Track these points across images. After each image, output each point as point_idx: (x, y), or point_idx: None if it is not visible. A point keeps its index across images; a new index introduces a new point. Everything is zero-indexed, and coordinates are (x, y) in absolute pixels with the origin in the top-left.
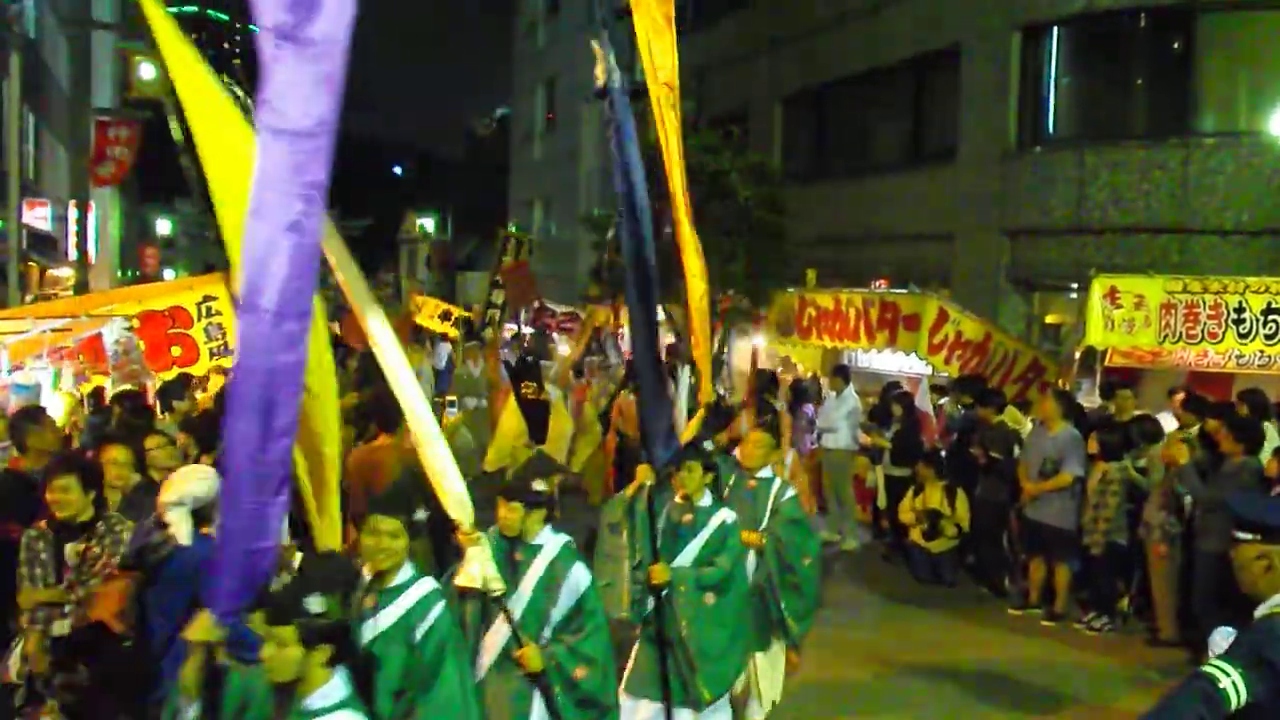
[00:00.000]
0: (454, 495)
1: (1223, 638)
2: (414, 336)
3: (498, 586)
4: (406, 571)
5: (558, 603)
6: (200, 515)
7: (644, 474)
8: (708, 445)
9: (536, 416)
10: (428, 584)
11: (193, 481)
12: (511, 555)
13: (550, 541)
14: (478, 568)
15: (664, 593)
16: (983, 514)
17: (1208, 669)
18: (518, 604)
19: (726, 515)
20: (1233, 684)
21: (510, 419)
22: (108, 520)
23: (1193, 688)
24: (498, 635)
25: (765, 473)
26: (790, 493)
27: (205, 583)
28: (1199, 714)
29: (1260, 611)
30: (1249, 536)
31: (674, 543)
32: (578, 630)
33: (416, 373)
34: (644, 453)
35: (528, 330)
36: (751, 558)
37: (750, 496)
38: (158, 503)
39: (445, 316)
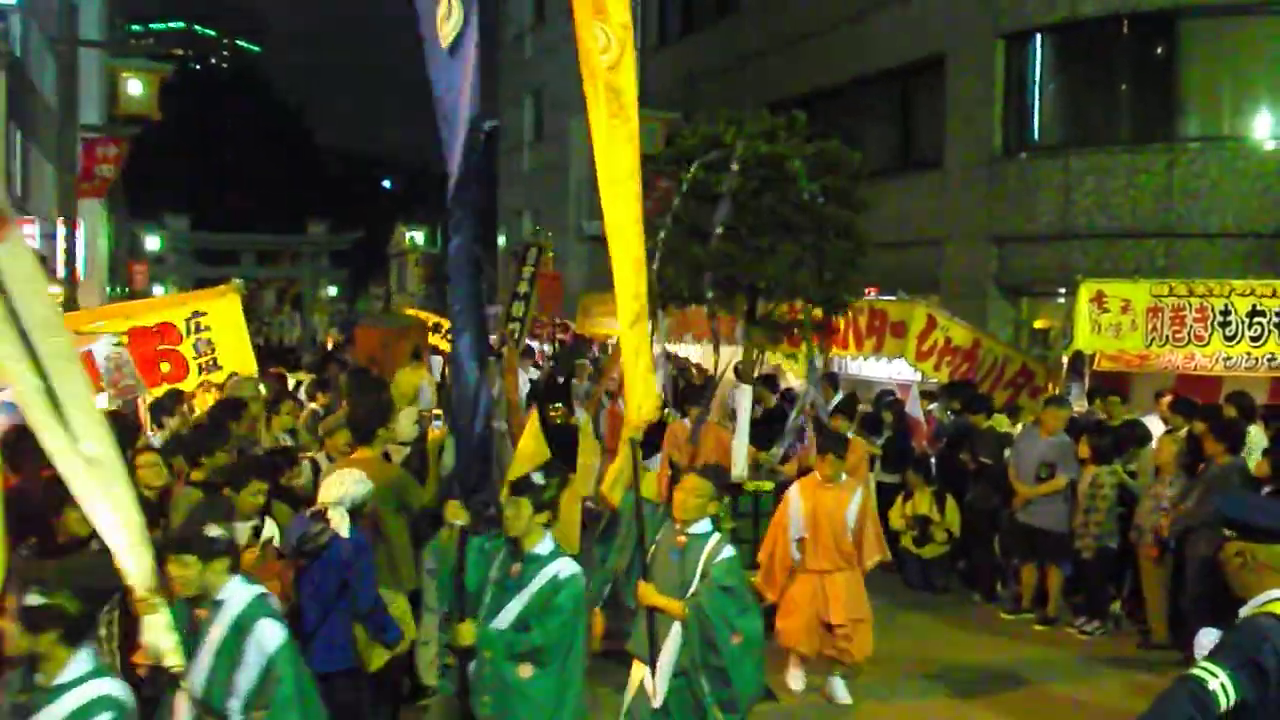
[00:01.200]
0: (123, 548)
1: (1208, 639)
2: (415, 354)
3: (175, 661)
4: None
5: (244, 669)
6: (355, 512)
7: (453, 512)
8: (538, 478)
9: (564, 443)
10: None
11: (351, 484)
12: (192, 613)
13: (236, 595)
14: (154, 638)
15: (472, 659)
16: (973, 519)
17: (1196, 671)
18: (197, 673)
19: (564, 567)
20: (1222, 685)
21: (528, 443)
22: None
23: (1182, 690)
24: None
25: (700, 527)
26: (728, 552)
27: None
28: (1189, 716)
29: (1245, 611)
30: (1229, 534)
31: (500, 597)
32: (266, 704)
33: (417, 392)
34: (454, 486)
35: (535, 345)
36: (676, 631)
37: (678, 555)
38: (319, 500)
39: (435, 329)
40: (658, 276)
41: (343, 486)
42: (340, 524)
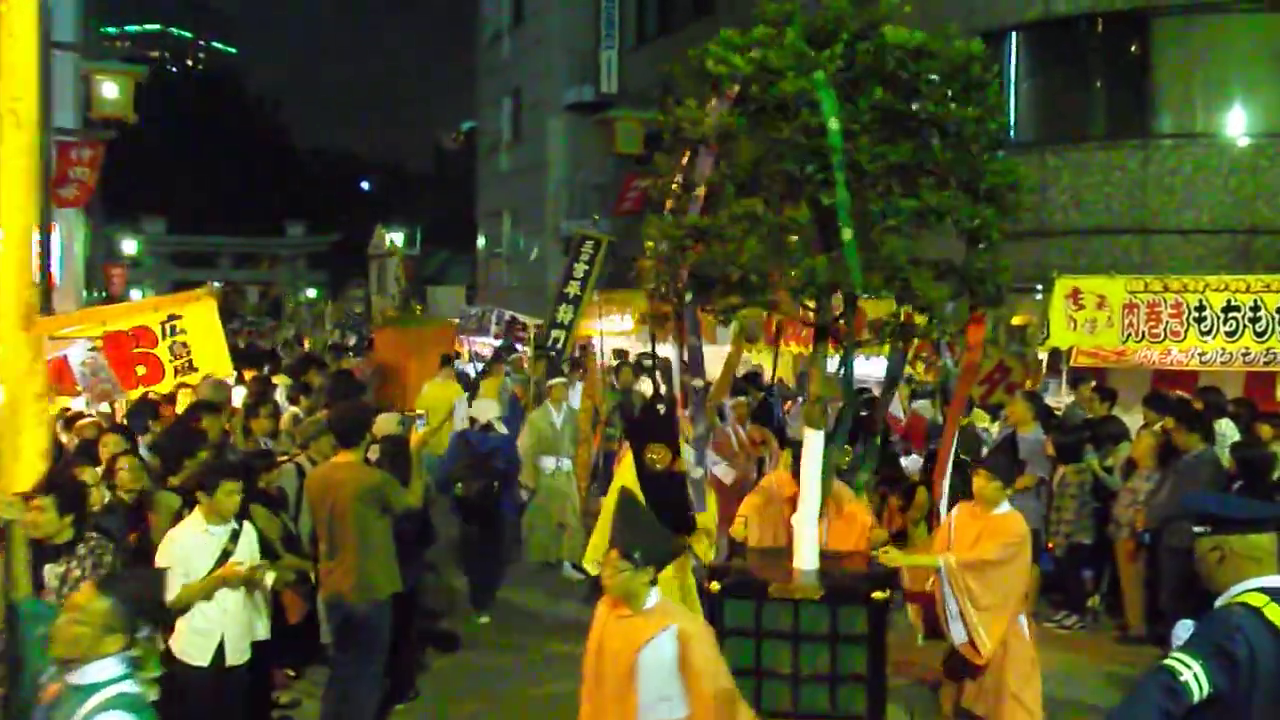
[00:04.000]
0: None
1: (1184, 630)
2: (446, 360)
3: None
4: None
5: None
6: None
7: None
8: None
9: (668, 497)
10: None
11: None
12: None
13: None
14: None
15: None
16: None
17: (1169, 662)
18: None
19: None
20: (1194, 676)
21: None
22: (88, 542)
23: (1155, 682)
24: None
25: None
26: None
27: None
28: (1162, 707)
29: (1219, 603)
30: (1202, 529)
31: None
32: None
33: (451, 409)
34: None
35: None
36: None
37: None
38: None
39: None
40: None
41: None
42: None
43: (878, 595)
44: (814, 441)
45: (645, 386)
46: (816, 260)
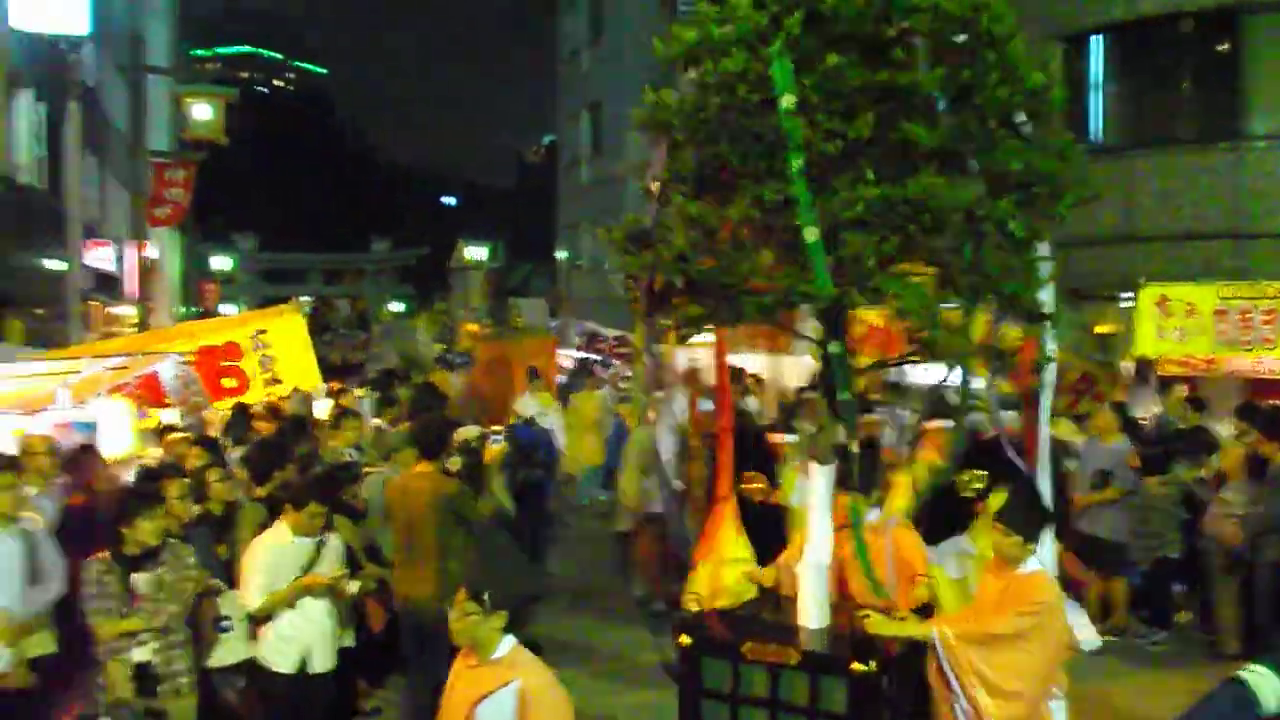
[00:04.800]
0: None
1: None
2: (533, 374)
3: None
4: None
5: None
6: None
7: None
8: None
9: (765, 531)
10: None
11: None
12: None
13: None
14: None
15: None
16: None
17: (1243, 672)
18: None
19: None
20: (1269, 686)
21: (728, 541)
22: (170, 546)
23: (1226, 690)
24: None
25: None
26: None
27: None
28: (1229, 716)
29: None
30: None
31: None
32: None
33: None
34: None
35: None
36: None
37: None
38: None
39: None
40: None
41: None
42: None
43: (858, 667)
44: (821, 479)
45: (750, 403)
46: (761, 262)
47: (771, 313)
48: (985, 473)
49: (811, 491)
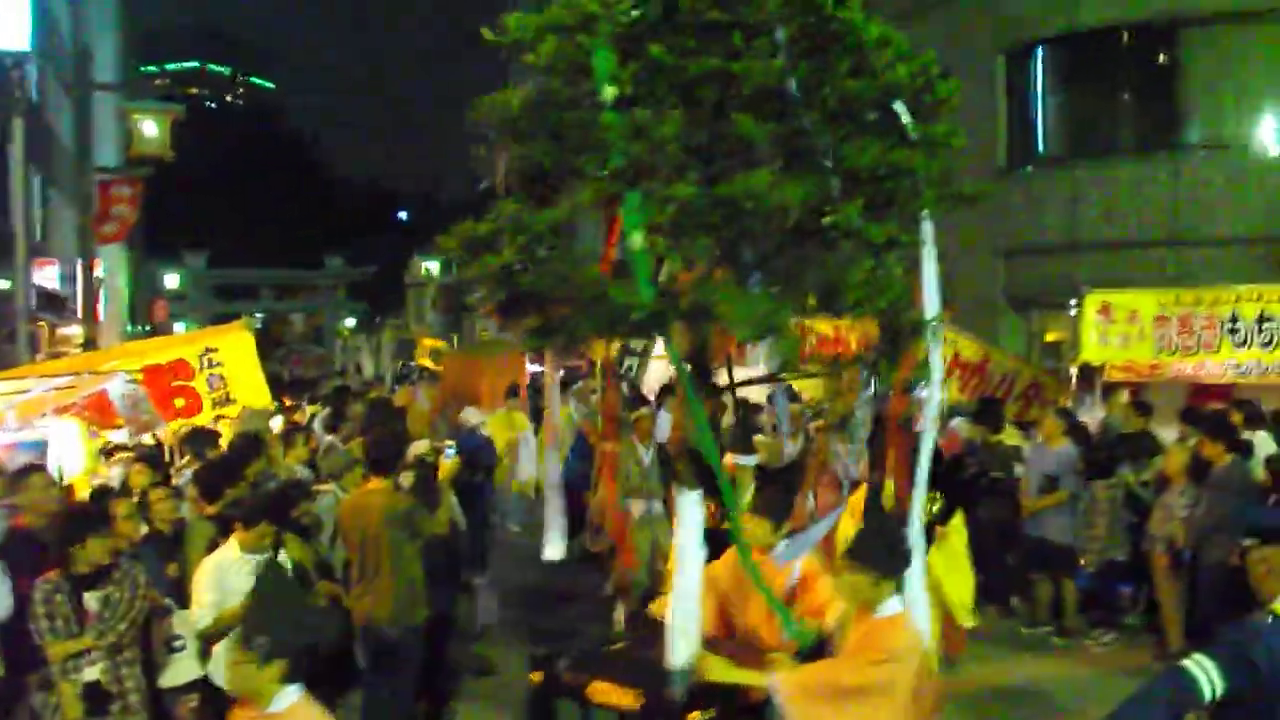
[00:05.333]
0: None
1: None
2: (512, 391)
3: None
4: None
5: None
6: None
7: None
8: None
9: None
10: None
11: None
12: None
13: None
14: None
15: None
16: (987, 533)
17: (1185, 661)
18: None
19: None
20: (1206, 675)
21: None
22: (120, 566)
23: (1166, 678)
24: None
25: None
26: None
27: None
28: (1169, 702)
29: (1265, 610)
30: (1251, 541)
31: None
32: None
33: (514, 446)
34: None
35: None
36: None
37: None
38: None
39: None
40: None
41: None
42: None
43: (694, 716)
44: (689, 507)
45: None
46: (588, 272)
47: (611, 327)
48: (939, 494)
49: (679, 517)
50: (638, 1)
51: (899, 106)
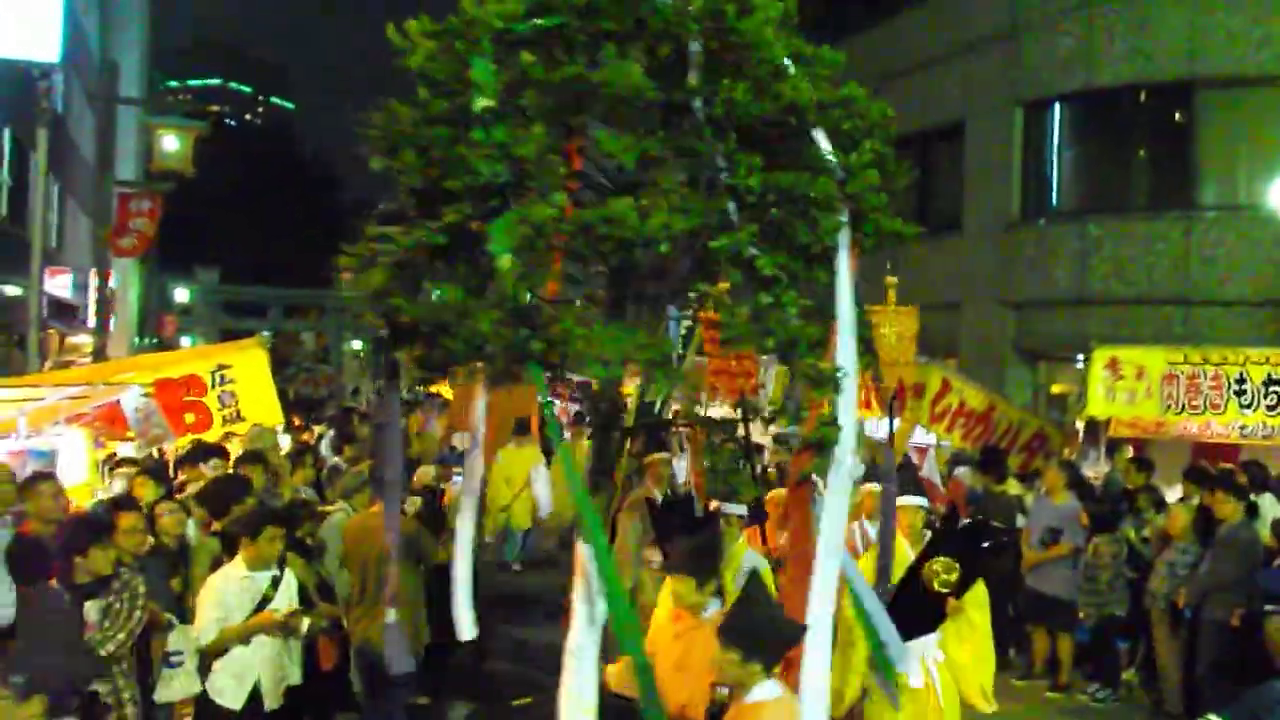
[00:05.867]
0: None
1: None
2: (521, 428)
3: None
4: None
5: None
6: None
7: None
8: None
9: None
10: None
11: None
12: None
13: None
14: None
15: None
16: (986, 583)
17: None
18: None
19: None
20: None
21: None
22: (120, 576)
23: None
24: None
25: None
26: None
27: None
28: None
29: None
30: (1274, 608)
31: None
32: None
33: (527, 479)
34: None
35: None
36: None
37: None
38: None
39: None
40: None
41: None
42: None
43: None
44: (586, 554)
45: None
46: (450, 300)
47: (492, 360)
48: (956, 562)
49: (577, 568)
50: (528, 8)
51: (818, 135)
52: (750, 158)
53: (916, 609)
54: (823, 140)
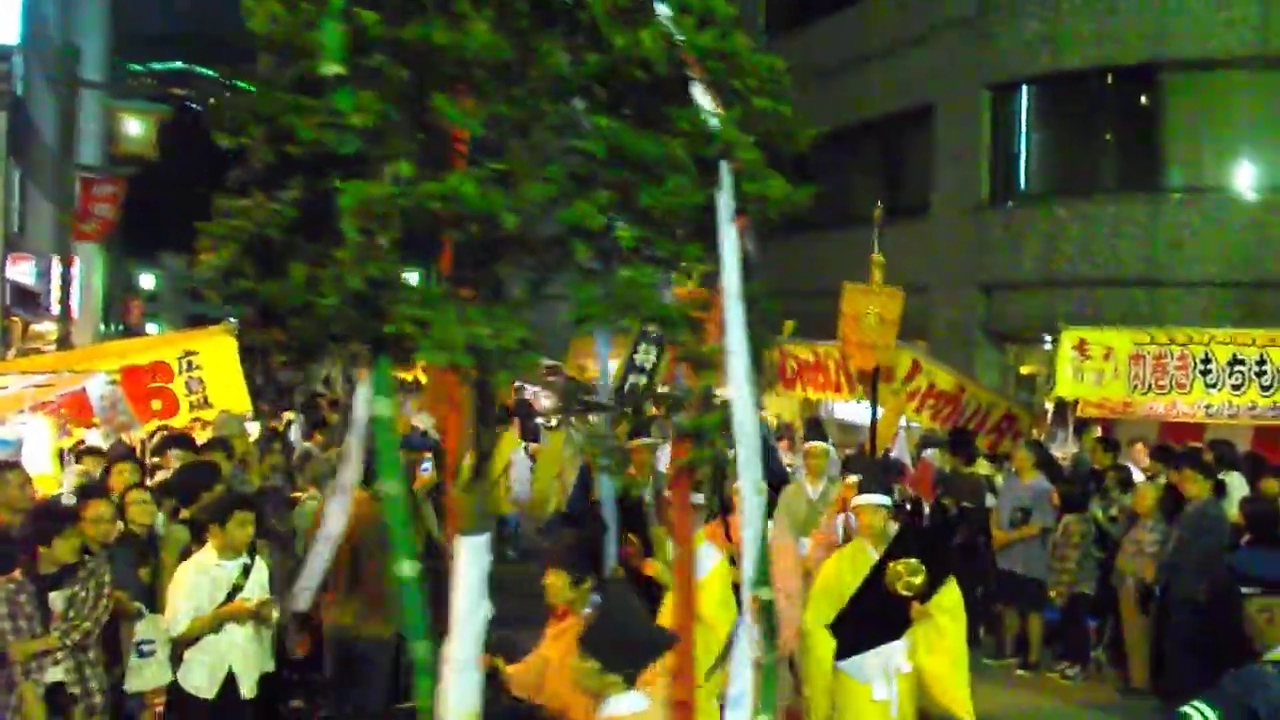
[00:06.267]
0: None
1: None
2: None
3: None
4: None
5: None
6: None
7: None
8: None
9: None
10: None
11: None
12: None
13: None
14: None
15: None
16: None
17: (1186, 709)
18: None
19: None
20: None
21: None
22: (86, 565)
23: None
24: None
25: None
26: None
27: None
28: None
29: (1265, 659)
30: (1251, 591)
31: None
32: None
33: (507, 465)
34: None
35: None
36: None
37: None
38: None
39: None
40: None
41: None
42: None
43: None
44: (467, 553)
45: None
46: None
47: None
48: (922, 563)
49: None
50: None
51: (696, 91)
52: (600, 119)
53: (879, 614)
54: (702, 97)
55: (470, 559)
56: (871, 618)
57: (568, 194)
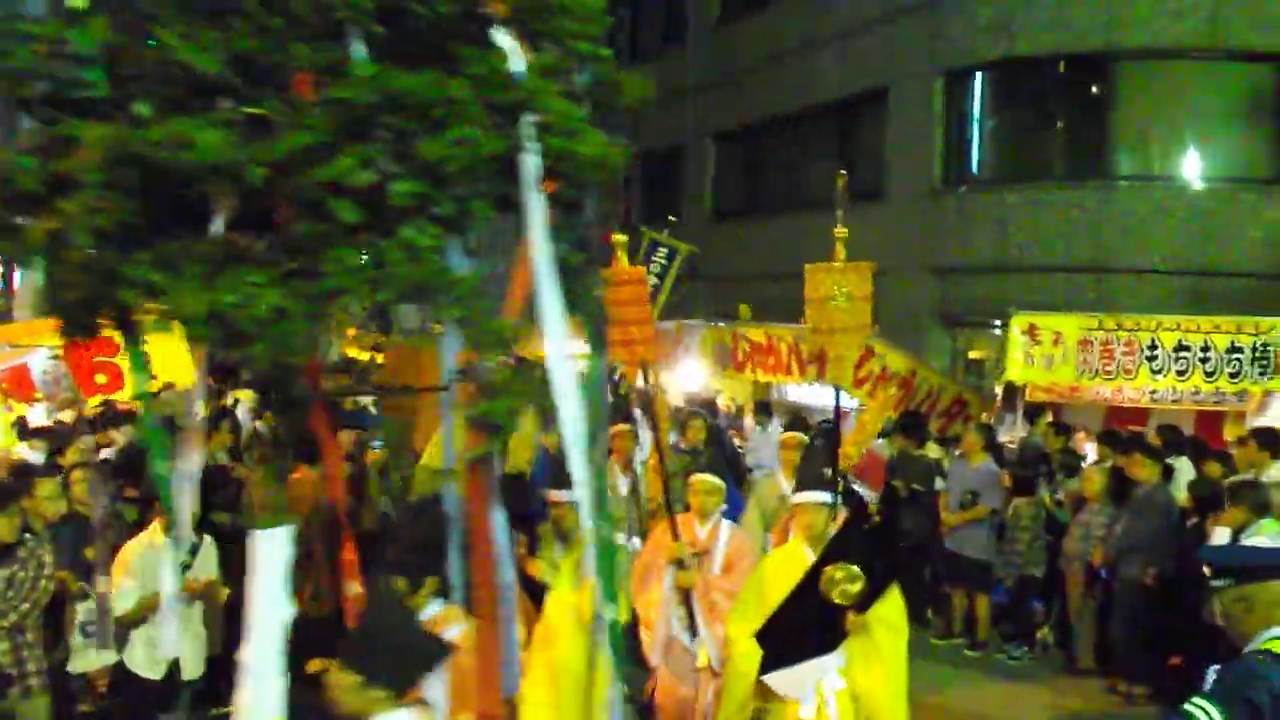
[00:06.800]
0: None
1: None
2: None
3: None
4: None
5: None
6: None
7: None
8: None
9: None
10: None
11: None
12: None
13: None
14: None
15: None
16: (905, 546)
17: (1187, 707)
18: None
19: None
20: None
21: None
22: (27, 544)
23: None
24: None
25: None
26: None
27: None
28: None
29: (1248, 650)
30: (1225, 582)
31: None
32: None
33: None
34: None
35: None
36: None
37: None
38: None
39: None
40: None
41: None
42: None
43: None
44: (264, 547)
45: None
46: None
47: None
48: (861, 570)
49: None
50: None
51: (498, 34)
52: (363, 66)
53: (811, 624)
54: (502, 38)
55: (268, 555)
56: (802, 628)
57: (332, 146)
